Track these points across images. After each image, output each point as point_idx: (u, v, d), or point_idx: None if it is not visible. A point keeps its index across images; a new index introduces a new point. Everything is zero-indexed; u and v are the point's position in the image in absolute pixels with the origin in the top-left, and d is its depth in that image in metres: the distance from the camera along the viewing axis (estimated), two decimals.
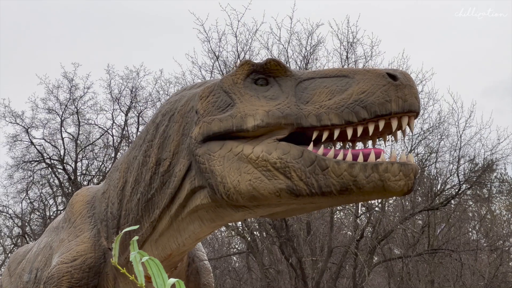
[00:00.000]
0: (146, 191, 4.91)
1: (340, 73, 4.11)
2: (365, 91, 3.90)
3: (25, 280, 6.38)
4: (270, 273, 27.87)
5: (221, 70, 27.11)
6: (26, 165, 32.49)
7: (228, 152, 4.22)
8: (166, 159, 4.74)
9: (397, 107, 3.85)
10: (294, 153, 4.00)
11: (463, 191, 27.67)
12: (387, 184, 3.78)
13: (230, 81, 4.40)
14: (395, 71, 3.96)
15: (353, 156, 3.91)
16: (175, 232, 4.86)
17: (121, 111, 32.82)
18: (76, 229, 5.60)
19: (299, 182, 3.96)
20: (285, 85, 4.26)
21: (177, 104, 4.87)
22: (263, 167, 4.07)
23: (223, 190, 4.22)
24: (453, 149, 27.27)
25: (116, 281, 5.35)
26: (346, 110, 3.91)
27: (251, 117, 4.17)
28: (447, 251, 27.08)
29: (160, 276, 2.08)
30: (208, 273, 5.85)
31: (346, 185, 3.86)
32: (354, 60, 26.84)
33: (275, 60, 4.31)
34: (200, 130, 4.38)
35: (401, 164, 3.79)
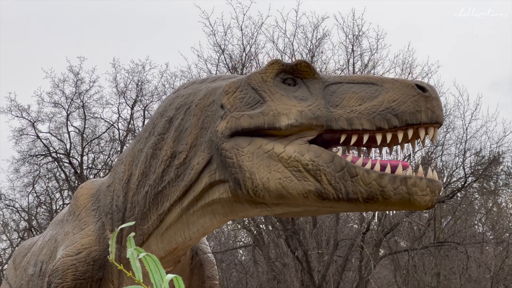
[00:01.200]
0: (156, 184, 4.92)
1: (367, 80, 4.22)
2: (396, 100, 4.03)
3: (30, 273, 6.40)
4: (276, 266, 27.89)
5: (227, 64, 27.11)
6: (32, 159, 32.53)
7: (258, 149, 4.26)
8: (182, 152, 4.76)
9: (426, 117, 4.00)
10: (326, 157, 4.09)
11: (469, 184, 27.63)
12: (414, 198, 3.92)
13: (259, 79, 4.43)
14: (422, 83, 4.11)
15: (381, 166, 4.03)
16: (184, 225, 4.87)
17: (127, 104, 32.83)
18: (81, 222, 5.61)
19: (328, 186, 4.05)
20: (313, 87, 4.33)
21: (192, 97, 4.87)
22: (294, 167, 4.14)
23: (251, 186, 4.25)
24: (459, 142, 27.22)
25: (120, 274, 5.36)
26: (378, 117, 4.03)
27: (285, 116, 4.22)
28: (453, 244, 27.05)
29: (157, 272, 2.08)
30: (212, 265, 5.85)
31: (373, 194, 3.97)
32: (360, 53, 26.79)
33: (306, 62, 4.37)
34: (227, 124, 4.40)
35: (429, 180, 3.93)
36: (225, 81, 4.83)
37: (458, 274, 27.97)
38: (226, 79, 4.91)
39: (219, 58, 27.21)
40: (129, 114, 32.86)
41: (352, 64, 26.82)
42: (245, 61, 27.20)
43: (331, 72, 27.02)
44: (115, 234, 2.13)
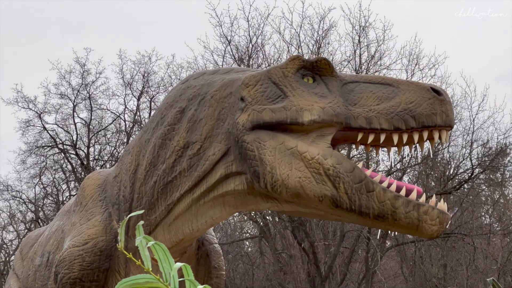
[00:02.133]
0: (166, 174, 4.91)
1: (383, 81, 4.33)
2: (413, 102, 4.15)
3: (37, 264, 6.40)
4: (283, 257, 27.93)
5: (233, 55, 27.11)
6: (39, 150, 32.60)
7: (280, 145, 4.29)
8: (196, 142, 4.75)
9: (441, 120, 4.14)
10: (347, 166, 4.15)
11: (476, 175, 27.62)
12: (422, 225, 4.02)
13: (280, 74, 4.46)
14: (436, 86, 4.23)
15: (397, 187, 4.12)
16: (192, 216, 4.87)
17: (133, 96, 32.88)
18: (88, 212, 5.61)
19: (344, 195, 4.12)
20: (332, 84, 4.40)
21: (206, 88, 4.87)
22: (315, 169, 4.19)
23: (270, 180, 4.27)
24: (466, 133, 27.20)
25: (127, 264, 5.35)
26: (396, 117, 4.14)
27: (308, 112, 4.26)
28: (460, 235, 27.06)
29: (166, 261, 2.07)
30: (218, 256, 5.84)
31: (384, 212, 4.06)
32: (366, 44, 26.76)
33: (326, 59, 4.43)
34: (249, 117, 4.41)
35: (441, 212, 4.04)
36: (239, 73, 4.83)
37: (464, 265, 27.97)
38: (239, 71, 4.91)
39: (226, 50, 27.24)
40: (135, 105, 32.94)
41: (359, 55, 26.82)
42: (252, 52, 27.20)
43: (337, 63, 27.01)
44: (124, 223, 2.12)
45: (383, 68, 27.01)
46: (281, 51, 27.45)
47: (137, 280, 2.04)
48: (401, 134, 4.17)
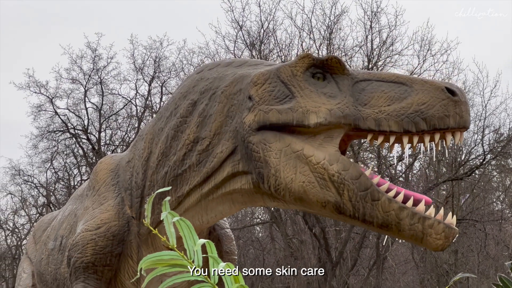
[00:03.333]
0: (176, 166, 4.91)
1: (397, 80, 4.18)
2: (425, 103, 4.00)
3: (50, 247, 6.43)
4: (294, 243, 27.95)
5: (245, 40, 27.07)
6: (50, 135, 32.69)
7: (286, 147, 4.23)
8: (205, 138, 4.74)
9: (454, 122, 3.99)
10: (353, 173, 4.07)
11: (488, 161, 27.53)
12: (426, 238, 3.94)
13: (289, 72, 4.38)
14: (452, 86, 4.08)
15: (404, 197, 4.03)
16: (202, 210, 4.87)
17: (144, 81, 32.91)
18: (100, 197, 5.62)
19: (348, 202, 4.05)
20: (342, 83, 4.29)
21: (217, 82, 4.85)
22: (320, 174, 4.12)
23: (273, 183, 4.24)
24: (478, 119, 27.11)
25: (139, 249, 5.37)
26: (406, 120, 4.01)
27: (314, 114, 4.19)
28: (471, 221, 27.02)
29: (191, 238, 2.08)
30: (230, 240, 5.84)
31: (388, 222, 3.99)
32: (378, 29, 26.67)
33: (336, 58, 4.32)
34: (255, 118, 4.36)
35: (447, 226, 3.94)
36: (252, 67, 4.80)
37: (476, 251, 27.96)
38: (252, 65, 4.87)
39: (237, 35, 27.22)
40: (147, 90, 32.96)
41: (371, 41, 26.74)
42: (263, 37, 27.17)
43: (349, 49, 26.94)
44: (151, 199, 2.13)
45: (394, 54, 26.95)
46: (293, 36, 27.44)
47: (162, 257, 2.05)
48: (412, 136, 4.06)
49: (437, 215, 3.97)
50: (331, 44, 26.92)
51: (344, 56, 27.01)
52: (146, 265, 2.04)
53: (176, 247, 2.07)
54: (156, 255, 2.05)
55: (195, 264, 2.04)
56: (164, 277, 4.81)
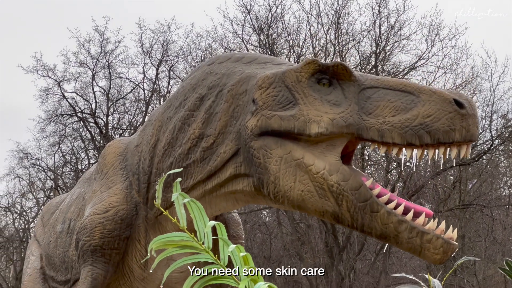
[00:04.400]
0: (181, 159, 4.93)
1: (404, 88, 4.09)
2: (430, 115, 3.91)
3: (58, 230, 6.45)
4: (301, 227, 27.99)
5: (253, 24, 27.03)
6: (58, 118, 32.70)
7: (287, 155, 4.22)
8: (210, 136, 4.75)
9: (460, 136, 3.90)
10: (352, 184, 4.05)
11: (495, 146, 27.51)
12: (424, 252, 3.92)
13: (294, 78, 4.35)
14: (461, 97, 3.97)
15: (404, 209, 4.00)
16: (206, 204, 4.89)
17: (152, 65, 32.89)
18: (109, 180, 5.64)
19: (346, 213, 4.05)
20: (348, 90, 4.23)
21: (225, 79, 4.84)
22: (319, 183, 4.11)
23: (272, 190, 4.26)
24: (486, 104, 27.06)
25: (147, 233, 5.39)
26: (410, 132, 3.93)
27: (315, 124, 4.16)
28: (478, 206, 27.00)
29: (201, 219, 2.08)
30: (237, 224, 5.85)
31: (387, 234, 3.98)
32: (386, 14, 26.60)
33: (343, 65, 4.27)
34: (258, 123, 4.35)
35: (445, 242, 3.90)
36: (261, 66, 4.79)
37: (483, 236, 27.96)
38: (261, 63, 4.86)
39: (245, 19, 27.19)
40: (155, 74, 32.97)
41: (379, 25, 26.69)
42: (271, 21, 27.13)
43: (357, 33, 26.88)
44: (162, 180, 2.13)
45: (403, 39, 26.90)
46: (301, 21, 27.39)
47: (172, 238, 2.05)
48: (415, 148, 3.98)
49: (437, 229, 3.93)
50: (339, 29, 26.88)
51: (352, 40, 26.97)
52: (157, 246, 2.05)
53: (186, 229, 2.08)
54: (166, 236, 2.06)
55: (205, 245, 2.05)
56: (171, 261, 4.83)
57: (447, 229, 3.98)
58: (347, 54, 27.25)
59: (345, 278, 25.36)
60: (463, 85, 26.94)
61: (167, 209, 5.04)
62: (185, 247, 2.06)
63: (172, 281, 5.62)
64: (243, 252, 2.04)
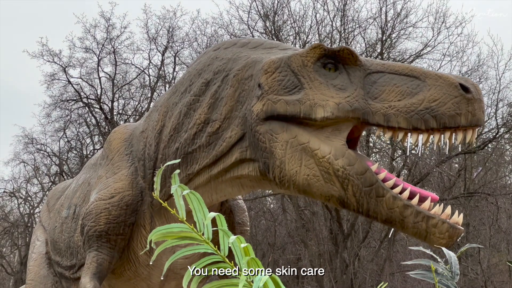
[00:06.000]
0: (187, 144, 4.91)
1: (410, 73, 4.07)
2: (436, 100, 3.90)
3: (63, 216, 6.46)
4: (305, 214, 28.01)
5: (259, 11, 26.98)
6: (63, 104, 32.79)
7: (293, 139, 4.21)
8: (216, 121, 4.74)
9: (466, 121, 3.88)
10: (358, 169, 4.04)
11: (501, 134, 27.46)
12: (430, 237, 3.91)
13: (300, 62, 4.33)
14: (467, 82, 3.95)
15: (410, 194, 3.98)
16: (212, 190, 4.89)
17: (157, 51, 32.94)
18: (114, 166, 5.64)
19: (352, 197, 4.04)
20: (354, 75, 4.22)
21: (231, 64, 4.82)
22: (324, 168, 4.10)
23: (278, 174, 4.24)
24: (492, 92, 27.03)
25: (152, 219, 5.39)
26: (416, 117, 3.92)
27: (321, 108, 4.14)
28: (483, 194, 26.99)
29: (200, 210, 2.07)
30: (242, 211, 5.85)
31: (392, 219, 3.97)
32: (393, 1, 26.55)
33: (349, 49, 4.25)
34: (263, 107, 4.34)
35: (451, 226, 3.90)
36: (266, 51, 4.77)
37: (487, 225, 27.95)
38: (267, 48, 4.84)
39: (251, 5, 27.17)
40: (160, 60, 33.02)
41: (385, 12, 26.65)
42: (277, 8, 27.09)
43: (363, 20, 26.81)
44: (161, 171, 2.12)
45: (409, 26, 26.85)
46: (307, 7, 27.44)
47: (171, 229, 2.05)
48: (421, 133, 3.97)
49: (442, 214, 3.93)
50: (345, 16, 26.83)
51: (358, 28, 26.92)
52: (156, 238, 2.04)
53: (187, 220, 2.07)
54: (165, 227, 2.05)
55: (205, 236, 2.04)
56: (177, 247, 4.83)
57: (452, 214, 3.97)
58: (353, 41, 27.21)
59: (349, 266, 25.40)
60: (469, 73, 26.91)
61: (169, 199, 5.04)
62: (185, 238, 2.06)
63: (177, 267, 5.63)
64: (244, 243, 2.03)
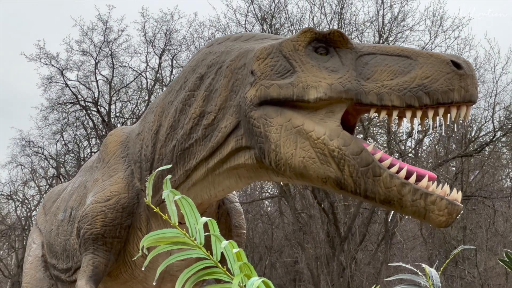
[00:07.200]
0: (183, 140, 4.91)
1: (402, 53, 4.08)
2: (428, 77, 3.90)
3: (60, 219, 6.46)
4: (302, 217, 28.02)
5: (256, 14, 27.00)
6: (60, 106, 32.81)
7: (287, 122, 4.19)
8: (211, 113, 4.72)
9: (459, 96, 3.87)
10: (354, 149, 4.00)
11: (498, 138, 27.49)
12: (429, 215, 3.85)
13: (291, 47, 4.33)
14: (458, 59, 3.96)
15: (407, 172, 3.94)
16: (210, 184, 4.87)
17: (155, 54, 32.97)
18: (110, 169, 5.64)
19: (349, 178, 4.00)
20: (346, 57, 4.21)
21: (224, 57, 4.82)
22: (320, 149, 4.07)
23: (274, 158, 4.22)
24: (489, 96, 27.08)
25: (149, 221, 5.39)
26: (409, 94, 3.91)
27: (314, 89, 4.13)
28: (480, 198, 27.02)
29: (192, 215, 2.07)
30: (239, 214, 5.85)
31: (390, 198, 3.92)
32: (390, 4, 26.57)
33: (339, 31, 4.24)
34: (257, 93, 4.33)
35: (449, 203, 3.84)
36: (258, 41, 4.78)
37: (484, 228, 27.99)
38: (259, 39, 4.85)
39: (248, 8, 27.18)
40: (157, 63, 33.05)
41: (382, 16, 26.66)
42: (274, 11, 27.12)
43: (360, 24, 26.85)
44: (152, 177, 2.12)
45: (406, 29, 26.87)
46: (304, 11, 27.48)
47: (164, 234, 2.05)
48: (415, 111, 3.95)
49: (440, 191, 3.89)
50: (342, 19, 26.86)
51: (355, 31, 26.95)
52: (148, 243, 2.04)
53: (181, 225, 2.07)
54: (158, 232, 2.05)
55: (197, 241, 2.05)
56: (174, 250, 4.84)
57: (451, 192, 3.93)
58: None
59: (346, 269, 25.41)
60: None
61: (163, 203, 5.03)
62: (177, 243, 2.06)
63: (173, 269, 5.63)
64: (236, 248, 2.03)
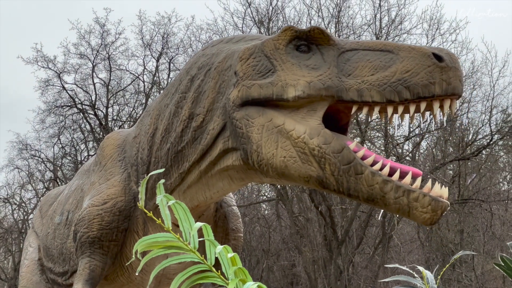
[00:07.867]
0: (176, 143, 4.91)
1: (384, 47, 4.01)
2: (409, 71, 3.83)
3: (56, 222, 6.46)
4: (300, 220, 28.01)
5: (253, 17, 27.02)
6: (58, 110, 32.80)
7: (268, 122, 4.17)
8: (199, 115, 4.72)
9: (440, 90, 3.78)
10: (335, 147, 3.96)
11: (495, 141, 27.51)
12: (413, 212, 3.78)
13: (272, 46, 4.31)
14: (441, 51, 3.88)
15: (390, 169, 3.88)
16: (204, 186, 4.87)
17: (152, 57, 32.97)
18: (107, 172, 5.63)
19: (330, 177, 3.95)
20: (328, 54, 4.17)
21: (214, 59, 4.82)
22: (300, 148, 4.03)
23: (256, 158, 4.20)
24: (486, 99, 27.07)
25: (145, 225, 5.38)
26: (389, 89, 3.84)
27: (292, 87, 4.10)
28: (477, 201, 27.03)
29: (186, 220, 2.07)
30: (236, 218, 5.84)
31: (373, 196, 3.86)
32: (387, 8, 26.59)
33: (319, 28, 4.21)
34: (239, 93, 4.32)
35: (433, 199, 3.76)
36: (247, 42, 4.76)
37: (481, 231, 27.98)
38: (248, 40, 4.84)
39: (246, 12, 27.21)
40: (155, 66, 33.05)
41: (379, 19, 26.68)
42: (272, 15, 27.13)
43: (357, 27, 26.87)
44: (145, 181, 2.11)
45: (403, 33, 26.90)
46: (301, 14, 27.39)
47: (157, 239, 2.04)
48: (396, 106, 3.87)
49: (424, 188, 3.81)
50: (340, 22, 26.87)
51: (353, 34, 26.95)
52: (142, 248, 2.03)
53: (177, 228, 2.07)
54: (151, 237, 2.04)
55: (191, 246, 2.04)
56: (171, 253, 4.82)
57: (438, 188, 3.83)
58: None
59: (344, 272, 25.39)
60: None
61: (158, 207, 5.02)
62: (170, 248, 2.05)
63: (170, 272, 5.63)
64: (231, 253, 2.02)
